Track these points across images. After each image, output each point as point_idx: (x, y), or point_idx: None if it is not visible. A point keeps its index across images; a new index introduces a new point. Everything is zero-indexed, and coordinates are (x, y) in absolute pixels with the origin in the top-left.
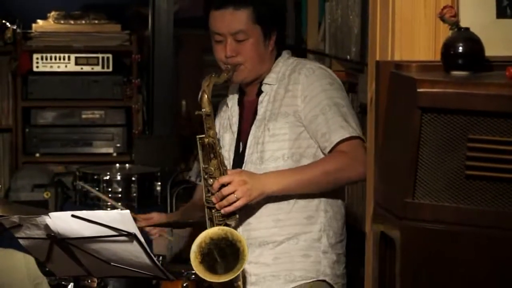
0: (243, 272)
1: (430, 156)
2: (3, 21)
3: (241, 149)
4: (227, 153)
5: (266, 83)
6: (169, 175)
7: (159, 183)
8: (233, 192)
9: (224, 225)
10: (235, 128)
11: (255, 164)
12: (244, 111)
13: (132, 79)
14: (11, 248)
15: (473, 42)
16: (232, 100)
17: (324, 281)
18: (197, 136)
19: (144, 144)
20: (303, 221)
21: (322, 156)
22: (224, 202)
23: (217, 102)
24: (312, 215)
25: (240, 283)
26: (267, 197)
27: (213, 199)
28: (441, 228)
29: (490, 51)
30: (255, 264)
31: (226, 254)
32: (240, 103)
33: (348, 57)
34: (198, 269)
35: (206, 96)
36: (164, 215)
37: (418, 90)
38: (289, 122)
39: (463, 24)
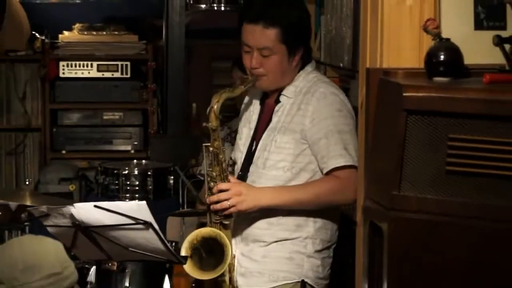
0: (236, 262)
1: (414, 153)
2: (33, 32)
3: (253, 149)
4: (243, 147)
5: (284, 95)
6: (181, 170)
7: (172, 177)
8: (227, 199)
9: (220, 224)
10: (252, 125)
11: (258, 168)
12: (263, 112)
13: (148, 84)
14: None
15: (454, 51)
16: (256, 97)
17: (306, 282)
18: (203, 144)
19: (158, 142)
20: (292, 227)
21: (320, 172)
22: (218, 206)
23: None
24: (301, 223)
25: (226, 278)
26: None
27: (207, 200)
28: (424, 218)
29: (469, 60)
30: (247, 258)
31: (213, 253)
32: (262, 103)
33: (341, 64)
34: (187, 265)
35: (213, 112)
36: None
37: (404, 94)
38: (295, 138)
39: (444, 35)
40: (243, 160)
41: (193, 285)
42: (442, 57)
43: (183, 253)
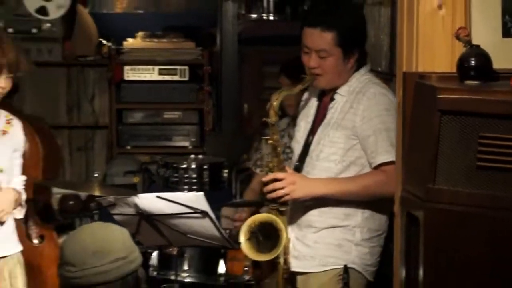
0: (291, 245)
1: (447, 150)
2: (100, 40)
3: (309, 141)
4: (300, 138)
5: (338, 93)
6: (234, 164)
7: (226, 171)
8: (282, 188)
9: (277, 211)
10: (310, 119)
11: (313, 159)
12: (320, 108)
13: (204, 87)
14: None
15: (483, 57)
16: (315, 94)
17: (352, 268)
18: (263, 137)
19: (213, 139)
20: (341, 216)
21: (369, 166)
22: (273, 194)
23: None
24: (350, 213)
25: (281, 260)
26: None
27: (264, 189)
28: (457, 209)
29: (497, 65)
30: (300, 242)
31: (269, 237)
32: (320, 99)
33: (379, 69)
34: (244, 245)
35: (273, 109)
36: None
37: (438, 96)
38: (346, 134)
39: (474, 42)
40: (300, 152)
41: (246, 268)
42: (472, 62)
43: (241, 236)
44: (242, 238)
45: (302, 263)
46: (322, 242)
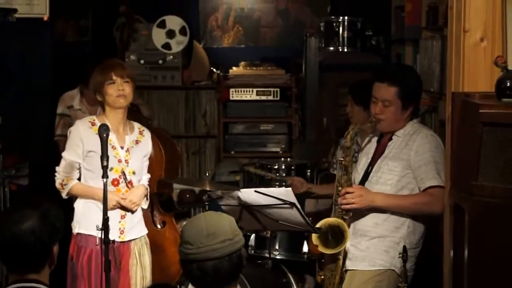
0: (346, 249)
1: (488, 153)
2: (211, 68)
3: (368, 171)
4: (360, 170)
5: (396, 135)
6: (315, 166)
7: (309, 171)
8: (352, 198)
9: (341, 218)
10: (369, 156)
11: (372, 183)
12: (379, 146)
13: (292, 105)
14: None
15: None
16: (375, 138)
17: (393, 270)
18: (338, 159)
19: (299, 146)
20: (391, 228)
21: (417, 190)
22: (344, 201)
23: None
24: (398, 226)
25: (340, 257)
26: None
27: (338, 199)
28: (495, 201)
29: None
30: (355, 247)
31: (335, 237)
32: (379, 141)
33: (432, 89)
34: (315, 240)
35: (349, 135)
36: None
37: (480, 110)
38: (401, 164)
39: (510, 67)
40: (360, 178)
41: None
42: (508, 83)
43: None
44: (314, 236)
45: (354, 263)
46: (373, 248)
